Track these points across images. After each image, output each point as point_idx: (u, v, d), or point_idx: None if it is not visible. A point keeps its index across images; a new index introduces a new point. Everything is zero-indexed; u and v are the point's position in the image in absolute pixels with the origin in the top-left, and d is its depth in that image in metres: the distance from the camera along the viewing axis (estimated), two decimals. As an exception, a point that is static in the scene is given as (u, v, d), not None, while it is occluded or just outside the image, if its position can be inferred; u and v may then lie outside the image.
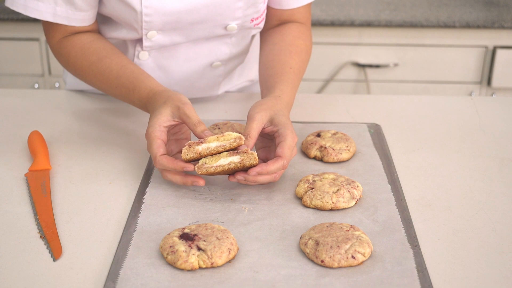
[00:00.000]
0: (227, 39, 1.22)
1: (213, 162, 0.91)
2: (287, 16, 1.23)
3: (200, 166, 0.91)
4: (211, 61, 1.25)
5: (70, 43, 1.14)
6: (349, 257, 0.79)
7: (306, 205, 0.93)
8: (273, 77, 1.10)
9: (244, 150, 0.91)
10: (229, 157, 0.91)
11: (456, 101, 1.39)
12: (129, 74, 1.08)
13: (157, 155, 0.93)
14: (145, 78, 1.06)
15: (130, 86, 1.06)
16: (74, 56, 1.13)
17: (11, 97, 1.37)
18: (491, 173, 1.05)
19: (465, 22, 2.39)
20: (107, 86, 1.11)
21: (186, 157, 0.92)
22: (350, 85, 2.53)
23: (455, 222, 0.91)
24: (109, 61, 1.10)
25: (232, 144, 0.92)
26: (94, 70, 1.12)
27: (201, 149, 0.92)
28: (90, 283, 0.78)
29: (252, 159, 0.91)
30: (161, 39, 1.16)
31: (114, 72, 1.09)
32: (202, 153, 0.92)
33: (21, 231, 0.89)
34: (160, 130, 0.95)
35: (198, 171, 0.91)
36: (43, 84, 2.52)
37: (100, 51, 1.12)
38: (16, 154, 1.10)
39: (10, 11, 2.43)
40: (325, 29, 2.43)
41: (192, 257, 0.79)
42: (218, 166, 0.91)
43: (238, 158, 0.91)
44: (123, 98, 1.10)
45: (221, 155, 0.91)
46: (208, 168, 0.91)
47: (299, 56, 1.15)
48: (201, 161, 0.91)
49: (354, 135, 1.14)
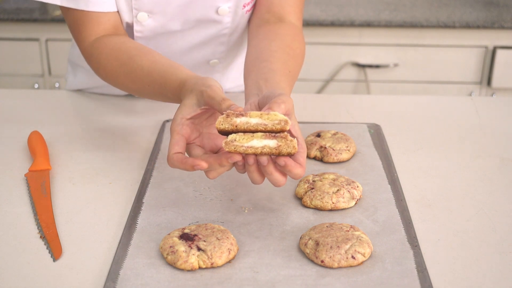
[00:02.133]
0: (223, 38, 1.22)
1: (244, 141, 0.81)
2: (276, 7, 1.18)
3: (229, 142, 0.81)
4: (208, 58, 1.25)
5: (101, 45, 1.10)
6: (349, 257, 0.79)
7: (306, 205, 0.93)
8: (274, 73, 1.01)
9: (283, 135, 0.81)
10: (264, 140, 0.81)
11: (456, 101, 1.39)
12: (160, 68, 1.00)
13: (170, 153, 0.86)
14: (176, 69, 0.98)
15: (161, 81, 0.98)
16: (105, 58, 1.09)
17: (11, 97, 1.37)
18: (491, 173, 1.05)
19: (465, 22, 2.39)
20: (139, 85, 1.04)
21: (220, 126, 0.81)
22: (350, 85, 2.53)
23: (455, 222, 0.91)
24: (140, 59, 1.04)
25: (275, 126, 0.81)
26: (125, 70, 1.06)
27: (239, 121, 0.81)
28: (90, 283, 0.78)
29: (290, 147, 0.81)
30: (152, 24, 1.15)
31: (146, 69, 1.02)
32: (239, 127, 0.81)
33: (21, 231, 0.89)
34: (181, 123, 0.87)
35: (226, 148, 0.81)
36: (43, 84, 2.52)
37: (131, 50, 1.07)
38: (16, 154, 1.10)
39: (10, 11, 2.43)
40: (325, 29, 2.43)
41: (192, 257, 0.79)
42: (250, 147, 0.80)
43: (275, 143, 0.81)
44: (158, 96, 1.02)
45: (254, 135, 0.81)
46: (238, 146, 0.80)
47: (296, 60, 1.11)
48: (230, 137, 0.81)
49: (354, 135, 1.14)
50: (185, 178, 1.00)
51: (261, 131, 0.81)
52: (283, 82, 0.99)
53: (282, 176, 0.85)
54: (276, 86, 0.95)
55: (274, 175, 0.84)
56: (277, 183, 0.85)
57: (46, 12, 2.45)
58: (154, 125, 1.21)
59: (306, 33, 2.44)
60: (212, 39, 1.23)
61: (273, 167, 0.83)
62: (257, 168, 0.85)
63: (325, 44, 2.47)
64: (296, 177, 0.84)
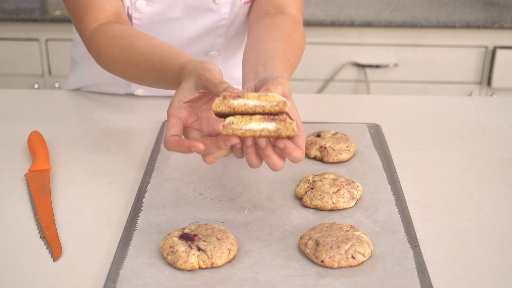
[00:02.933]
0: (221, 30, 1.22)
1: (242, 124, 0.79)
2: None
3: (226, 125, 0.79)
4: (206, 50, 1.25)
5: (103, 31, 1.10)
6: (349, 257, 0.79)
7: (306, 205, 0.93)
8: (273, 59, 1.00)
9: (282, 117, 0.79)
10: (263, 123, 0.79)
11: (456, 101, 1.39)
12: (161, 53, 0.99)
13: (166, 135, 0.84)
14: (176, 54, 0.97)
15: (162, 66, 0.97)
16: (107, 45, 1.08)
17: (11, 97, 1.37)
18: (491, 173, 1.05)
19: (465, 22, 2.40)
20: (140, 71, 1.03)
21: (217, 109, 0.80)
22: (350, 85, 2.53)
23: (455, 222, 0.91)
24: (141, 45, 1.03)
25: (273, 107, 0.79)
26: (126, 56, 1.05)
27: (236, 103, 0.79)
28: (90, 283, 0.78)
29: (290, 129, 0.79)
30: (150, 11, 1.16)
31: (146, 54, 1.01)
32: (237, 109, 0.79)
33: (21, 231, 0.89)
34: (178, 106, 0.86)
35: (223, 131, 0.79)
36: (43, 84, 2.52)
37: (132, 37, 1.06)
38: (16, 154, 1.10)
39: (10, 11, 2.43)
40: (325, 29, 2.43)
41: (192, 257, 0.79)
42: (248, 130, 0.79)
43: (274, 126, 0.79)
44: (158, 81, 1.01)
45: (253, 118, 0.79)
46: (236, 129, 0.79)
47: (295, 50, 1.10)
48: (228, 119, 0.79)
49: (354, 135, 1.14)
50: (185, 178, 1.00)
51: (259, 114, 0.80)
52: (281, 68, 0.98)
53: (281, 159, 0.84)
54: (273, 71, 0.94)
55: (272, 158, 0.83)
56: (275, 166, 0.84)
57: (46, 12, 2.45)
58: (154, 125, 1.21)
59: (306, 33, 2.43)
60: (210, 30, 1.23)
61: (271, 150, 0.82)
62: (255, 151, 0.84)
63: (325, 44, 2.47)
64: (296, 160, 0.83)
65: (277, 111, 0.80)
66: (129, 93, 1.35)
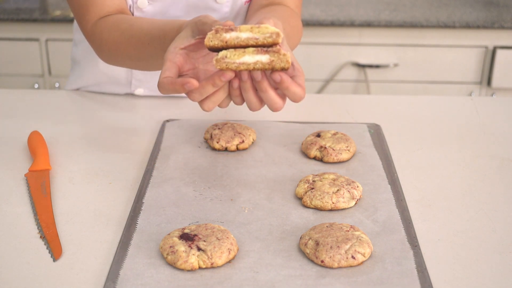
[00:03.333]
0: None
1: (236, 57, 0.78)
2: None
3: (220, 60, 0.78)
4: None
5: (103, 22, 1.10)
6: (349, 257, 0.79)
7: (306, 205, 0.93)
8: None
9: (276, 49, 0.78)
10: (257, 55, 0.78)
11: (456, 101, 1.39)
12: (159, 24, 0.99)
13: (160, 78, 0.83)
14: (175, 21, 0.96)
15: (161, 34, 0.96)
16: (107, 32, 1.08)
17: (11, 97, 1.37)
18: (491, 173, 1.05)
19: (465, 22, 2.39)
20: (140, 48, 1.03)
21: (210, 43, 0.79)
22: (350, 85, 2.53)
23: (455, 222, 0.91)
24: (140, 23, 1.04)
25: (267, 39, 0.78)
26: (126, 36, 1.05)
27: (228, 37, 0.78)
28: (90, 283, 0.78)
29: (284, 61, 0.78)
30: (151, 10, 1.16)
31: (145, 29, 1.01)
32: (229, 42, 0.78)
33: (21, 231, 0.89)
34: (174, 52, 0.85)
35: (217, 65, 0.78)
36: (43, 84, 2.52)
37: (131, 19, 1.07)
38: (16, 154, 1.10)
39: (10, 11, 2.43)
40: (325, 29, 2.43)
41: (192, 257, 0.79)
42: (242, 63, 0.78)
43: (267, 58, 0.78)
44: (159, 55, 0.99)
45: (246, 51, 0.78)
46: (229, 63, 0.78)
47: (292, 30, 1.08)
48: (221, 53, 0.78)
49: (354, 135, 1.14)
50: (185, 178, 1.00)
51: (253, 46, 0.79)
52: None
53: (279, 97, 0.83)
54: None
55: (269, 93, 0.82)
56: (273, 104, 0.83)
57: (46, 12, 2.45)
58: (154, 125, 1.21)
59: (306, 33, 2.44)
60: None
61: (267, 83, 0.81)
62: (252, 87, 0.83)
63: (325, 44, 2.47)
64: (296, 97, 0.82)
65: (270, 43, 0.79)
66: (129, 93, 1.35)
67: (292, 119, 1.20)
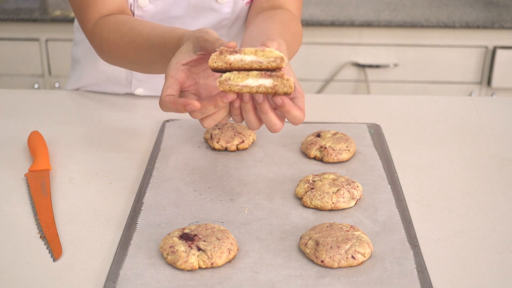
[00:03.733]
0: (223, 30, 1.22)
1: (239, 80, 0.78)
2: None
3: (223, 82, 0.78)
4: None
5: (104, 21, 1.10)
6: (349, 257, 0.79)
7: (306, 205, 0.93)
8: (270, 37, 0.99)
9: (279, 74, 0.78)
10: (260, 79, 0.78)
11: (456, 101, 1.39)
12: (159, 31, 0.99)
13: (162, 95, 0.83)
14: (175, 29, 0.96)
15: (161, 42, 0.97)
16: (107, 32, 1.08)
17: (11, 97, 1.37)
18: (491, 173, 1.05)
19: (465, 22, 2.40)
20: (140, 53, 1.03)
21: (214, 64, 0.79)
22: (350, 85, 2.53)
23: (455, 222, 0.91)
24: (141, 27, 1.04)
25: (271, 63, 0.78)
26: (126, 40, 1.05)
27: (233, 59, 0.78)
28: (90, 283, 0.78)
29: (287, 86, 0.78)
30: (152, 9, 1.16)
31: (145, 35, 1.01)
32: (233, 64, 0.78)
33: (21, 231, 0.89)
34: (176, 68, 0.85)
35: (220, 87, 0.78)
36: (43, 84, 2.52)
37: (132, 22, 1.07)
38: (16, 154, 1.10)
39: (10, 11, 2.43)
40: (325, 29, 2.43)
41: (192, 257, 0.79)
42: (245, 86, 0.78)
43: (271, 82, 0.78)
44: (159, 59, 1.00)
45: (250, 74, 0.78)
46: (232, 86, 0.78)
47: (293, 35, 1.09)
48: (225, 75, 0.78)
49: (354, 135, 1.14)
50: (185, 178, 1.00)
51: (256, 69, 0.79)
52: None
53: (279, 119, 0.83)
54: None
55: (269, 115, 0.82)
56: (272, 126, 0.83)
57: (46, 12, 2.45)
58: (154, 125, 1.21)
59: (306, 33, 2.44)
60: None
61: (268, 106, 0.82)
62: (253, 108, 0.83)
63: (325, 44, 2.47)
64: (296, 120, 0.82)
65: (274, 67, 0.79)
66: (129, 93, 1.35)
67: (292, 119, 1.20)
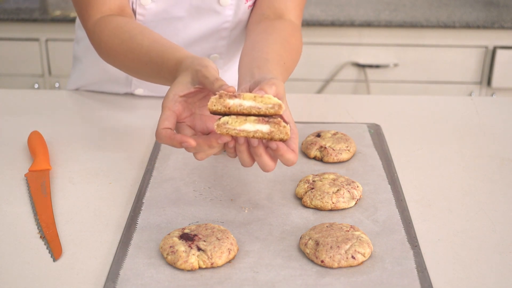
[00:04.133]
0: (224, 32, 1.22)
1: (237, 124, 0.79)
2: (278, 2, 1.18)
3: (221, 125, 0.79)
4: (208, 52, 1.25)
5: (105, 22, 1.10)
6: (349, 257, 0.79)
7: (306, 205, 0.93)
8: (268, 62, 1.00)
9: (277, 121, 0.79)
10: (257, 124, 0.79)
11: (456, 101, 1.39)
12: (159, 48, 0.99)
13: (158, 127, 0.84)
14: (174, 49, 0.97)
15: (159, 60, 0.97)
16: (107, 35, 1.08)
17: (11, 97, 1.37)
18: (491, 173, 1.05)
19: (465, 22, 2.40)
20: (138, 64, 1.03)
21: (213, 107, 0.80)
22: (350, 85, 2.53)
23: (455, 222, 0.91)
24: (141, 38, 1.03)
25: (269, 109, 0.79)
26: (125, 48, 1.05)
27: (232, 103, 0.79)
28: (90, 283, 0.78)
29: (283, 133, 0.79)
30: (154, 8, 1.16)
31: (145, 48, 1.01)
32: (232, 109, 0.79)
33: (21, 231, 0.89)
34: (174, 99, 0.86)
35: (217, 130, 0.79)
36: (43, 84, 2.52)
37: (133, 30, 1.06)
38: (16, 154, 1.10)
39: (10, 11, 2.43)
40: (325, 29, 2.43)
41: (192, 257, 0.79)
42: (242, 130, 0.79)
43: (268, 129, 0.79)
44: (155, 76, 1.01)
45: (247, 119, 0.79)
46: (230, 129, 0.79)
47: (292, 54, 1.10)
48: (223, 119, 0.79)
49: (354, 135, 1.14)
50: (185, 178, 1.00)
51: (254, 115, 0.80)
52: (276, 70, 0.98)
53: (272, 160, 0.84)
54: (268, 73, 0.94)
55: (263, 158, 0.83)
56: (265, 167, 0.84)
57: (46, 12, 2.45)
58: (154, 125, 1.21)
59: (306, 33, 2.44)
60: (213, 32, 1.23)
61: (263, 149, 0.83)
62: (247, 149, 0.84)
63: (325, 44, 2.47)
64: (288, 163, 0.83)
65: (272, 114, 0.80)
66: (129, 92, 1.35)
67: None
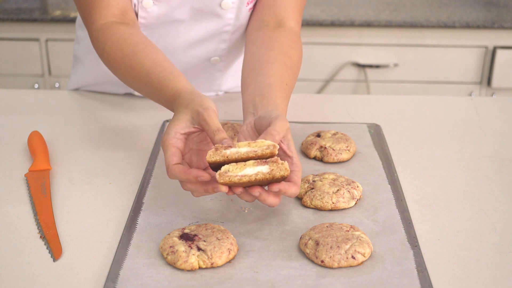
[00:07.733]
0: (225, 35, 1.22)
1: (238, 170, 0.80)
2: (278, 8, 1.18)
3: (223, 174, 0.80)
4: (209, 55, 1.25)
5: (109, 31, 1.10)
6: (349, 257, 0.79)
7: (306, 205, 0.93)
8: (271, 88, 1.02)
9: (274, 159, 0.81)
10: (257, 166, 0.81)
11: (456, 101, 1.39)
12: (160, 72, 1.00)
13: (170, 164, 0.85)
14: (174, 77, 0.98)
15: (158, 85, 0.98)
16: (110, 46, 1.08)
17: (11, 97, 1.37)
18: (491, 173, 1.05)
19: (465, 22, 2.40)
20: (137, 83, 1.05)
21: (211, 159, 0.82)
22: (350, 85, 2.53)
23: (455, 222, 0.91)
24: (143, 56, 1.04)
25: (264, 151, 0.82)
26: (127, 63, 1.05)
27: (229, 152, 0.81)
28: (90, 283, 0.78)
29: (283, 170, 0.81)
30: (156, 11, 1.16)
31: (146, 68, 1.02)
32: (230, 157, 0.81)
33: (21, 231, 0.89)
34: (176, 137, 0.88)
35: (220, 180, 0.80)
36: (43, 84, 2.52)
37: (136, 45, 1.06)
38: (16, 154, 1.10)
39: (10, 11, 2.43)
40: (325, 29, 2.43)
41: (192, 257, 0.79)
42: (244, 175, 0.80)
43: (267, 168, 0.81)
44: (152, 97, 1.03)
45: (247, 164, 0.81)
46: (232, 177, 0.80)
47: (293, 70, 1.11)
48: (224, 168, 0.80)
49: (354, 135, 1.14)
50: (185, 178, 1.00)
51: (252, 159, 0.82)
52: (279, 98, 0.99)
53: (276, 197, 0.85)
54: (271, 104, 0.97)
55: (268, 200, 0.85)
56: (272, 205, 0.86)
57: (46, 12, 2.45)
58: (154, 125, 1.21)
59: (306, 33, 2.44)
60: (214, 35, 1.23)
61: (266, 195, 0.84)
62: (246, 192, 0.85)
63: (325, 44, 2.47)
64: (292, 196, 0.85)
65: (268, 154, 0.82)
66: (129, 93, 1.35)
67: (292, 119, 1.20)
